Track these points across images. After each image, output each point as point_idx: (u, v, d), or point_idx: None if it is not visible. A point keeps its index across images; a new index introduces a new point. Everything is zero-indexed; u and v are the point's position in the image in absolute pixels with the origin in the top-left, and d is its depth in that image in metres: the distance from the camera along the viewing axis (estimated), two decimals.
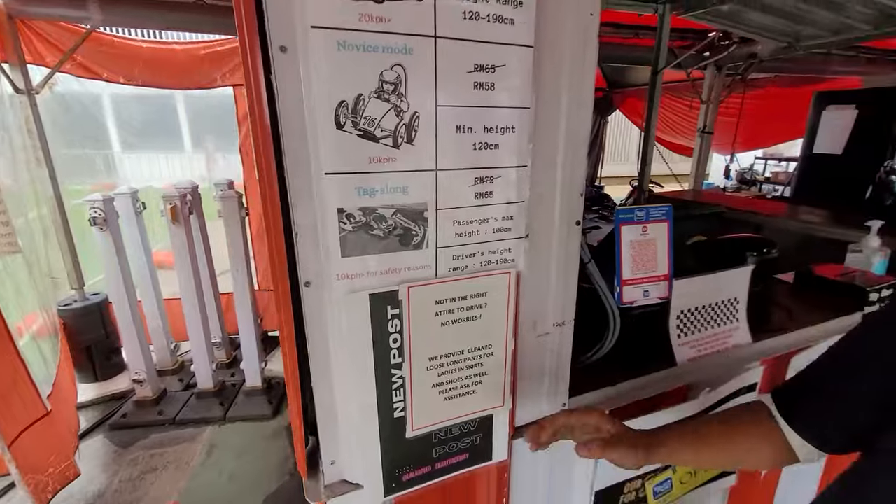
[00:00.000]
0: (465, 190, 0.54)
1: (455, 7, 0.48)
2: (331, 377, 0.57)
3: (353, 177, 0.48)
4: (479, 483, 0.71)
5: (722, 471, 0.97)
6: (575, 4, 0.56)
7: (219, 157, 9.92)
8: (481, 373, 0.63)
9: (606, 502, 0.84)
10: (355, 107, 0.46)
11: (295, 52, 0.44)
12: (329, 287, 0.52)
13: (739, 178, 8.63)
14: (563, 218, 0.63)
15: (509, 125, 0.54)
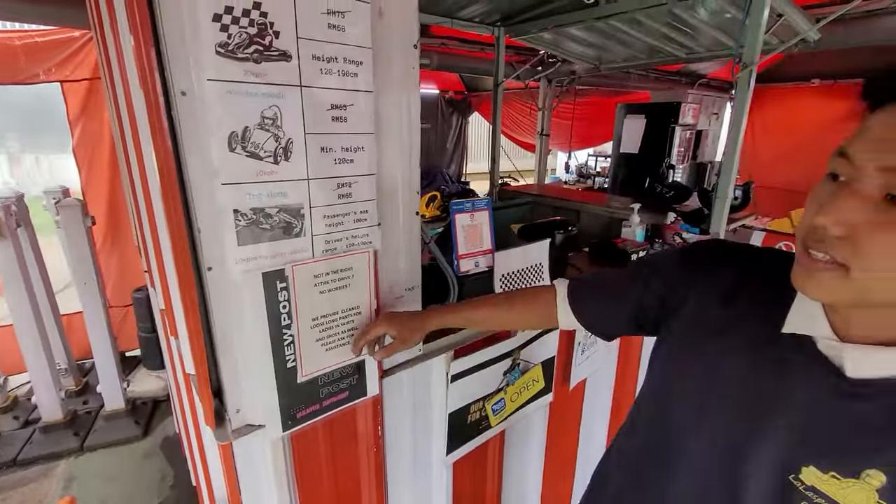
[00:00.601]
0: (331, 192, 0.75)
1: (314, 65, 0.68)
2: (232, 340, 0.73)
3: (244, 186, 0.66)
4: (358, 414, 0.92)
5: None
6: (400, 63, 0.80)
7: (25, 160, 8.38)
8: (353, 328, 0.85)
9: (458, 421, 1.13)
10: (243, 135, 0.64)
11: (193, 96, 0.60)
12: (229, 269, 0.68)
13: (578, 173, 10.09)
14: (405, 210, 0.88)
15: (360, 146, 0.77)
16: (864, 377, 0.47)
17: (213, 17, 0.58)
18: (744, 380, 0.55)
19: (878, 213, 0.41)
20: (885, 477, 0.44)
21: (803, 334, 0.51)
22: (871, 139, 0.42)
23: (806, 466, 0.49)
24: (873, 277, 0.42)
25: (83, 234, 2.18)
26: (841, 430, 0.48)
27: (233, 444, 0.77)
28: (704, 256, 0.65)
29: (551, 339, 1.31)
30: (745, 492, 0.53)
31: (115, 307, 2.95)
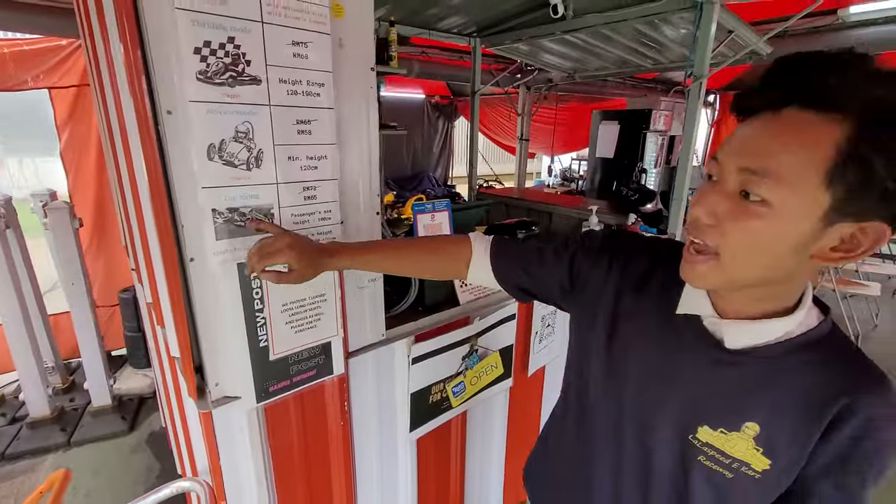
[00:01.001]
0: (297, 195, 0.88)
1: (282, 87, 0.81)
2: (212, 322, 0.85)
3: (221, 189, 0.78)
4: (326, 391, 1.04)
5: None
6: (359, 83, 0.93)
7: (9, 163, 8.36)
8: (320, 313, 0.97)
9: (420, 401, 1.25)
10: (220, 147, 0.76)
11: (177, 115, 0.72)
12: (208, 260, 0.80)
13: (562, 176, 10.30)
14: (366, 209, 1.01)
15: (323, 154, 0.89)
16: (739, 347, 0.57)
17: (194, 49, 0.70)
18: (647, 358, 0.65)
19: (737, 206, 0.50)
20: (758, 427, 0.56)
21: (693, 314, 0.61)
22: (732, 145, 0.51)
23: (700, 427, 0.59)
24: (737, 261, 0.51)
25: (71, 236, 2.27)
26: (724, 393, 0.58)
27: (212, 412, 0.88)
28: (622, 246, 0.72)
29: (508, 328, 1.45)
30: (654, 454, 0.64)
31: (102, 307, 3.01)
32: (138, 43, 0.70)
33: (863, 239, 0.48)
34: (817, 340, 0.55)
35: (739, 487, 0.58)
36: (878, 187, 0.44)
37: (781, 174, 0.46)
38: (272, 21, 0.77)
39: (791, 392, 0.55)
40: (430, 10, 2.78)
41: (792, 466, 0.55)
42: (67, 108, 2.69)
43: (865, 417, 0.51)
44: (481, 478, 1.59)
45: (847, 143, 0.44)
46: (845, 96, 0.44)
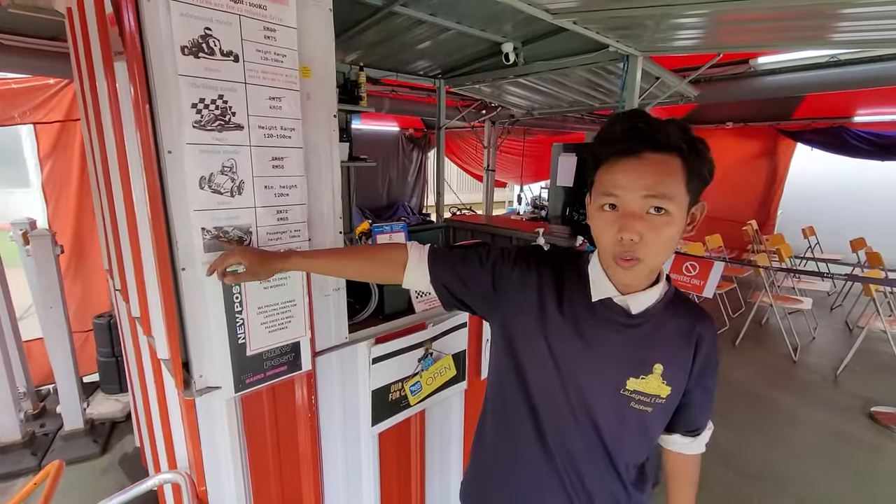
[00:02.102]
0: (272, 217, 1.07)
1: (260, 132, 1.02)
2: (199, 322, 1.02)
3: (209, 212, 0.97)
4: (295, 385, 1.21)
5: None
6: (324, 127, 1.15)
7: None
8: (290, 316, 1.15)
9: (381, 398, 1.42)
10: (209, 178, 0.96)
11: (176, 154, 0.92)
12: (197, 269, 0.98)
13: (533, 204, 10.72)
14: (331, 229, 1.21)
15: (293, 184, 1.10)
16: (639, 311, 0.79)
17: (191, 104, 0.91)
18: (577, 344, 0.80)
19: (650, 222, 0.70)
20: (662, 366, 0.79)
21: (605, 297, 0.79)
22: (625, 184, 0.69)
23: (627, 379, 0.78)
24: (656, 258, 0.73)
25: (52, 263, 2.37)
26: (637, 348, 0.79)
27: (196, 400, 1.04)
28: (535, 256, 0.87)
29: (461, 334, 1.64)
30: (597, 414, 0.80)
31: (76, 332, 3.06)
32: (147, 98, 0.90)
33: (696, 213, 0.76)
34: (673, 295, 0.83)
35: (654, 415, 0.81)
36: (703, 181, 0.74)
37: (671, 193, 0.70)
38: (253, 82, 0.98)
39: (672, 332, 0.81)
40: (399, 55, 3.08)
41: (681, 386, 0.81)
42: (51, 142, 2.84)
43: (708, 337, 0.82)
44: (441, 474, 1.74)
45: (684, 166, 0.71)
46: (674, 142, 0.70)
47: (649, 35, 2.21)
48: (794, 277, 4.69)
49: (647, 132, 0.70)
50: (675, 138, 0.70)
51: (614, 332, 0.80)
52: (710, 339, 0.83)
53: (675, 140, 0.70)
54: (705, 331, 0.82)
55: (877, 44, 2.27)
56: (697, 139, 0.72)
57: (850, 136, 5.52)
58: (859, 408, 3.13)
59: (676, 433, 0.92)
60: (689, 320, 0.82)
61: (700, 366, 0.82)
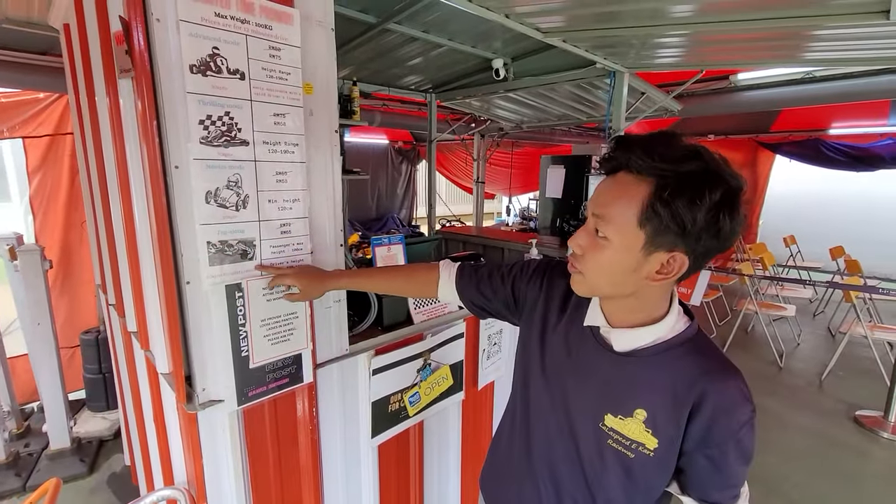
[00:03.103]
0: (275, 230, 1.09)
1: (265, 147, 1.04)
2: (203, 335, 1.02)
3: (214, 225, 0.98)
4: (297, 397, 1.21)
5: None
6: (325, 142, 1.18)
7: None
8: (292, 328, 1.16)
9: (380, 409, 1.43)
10: (215, 193, 0.97)
11: (183, 169, 0.94)
12: (202, 282, 0.99)
13: (521, 215, 10.82)
14: (332, 242, 1.23)
15: (296, 198, 1.12)
16: (624, 350, 0.74)
17: (199, 121, 0.93)
18: (566, 363, 0.81)
19: (593, 240, 0.70)
20: (645, 412, 0.71)
21: (594, 325, 0.78)
22: (592, 197, 0.72)
23: (606, 415, 0.74)
24: (593, 278, 0.72)
25: (41, 278, 2.34)
26: (619, 387, 0.74)
27: (198, 414, 1.04)
28: (549, 272, 0.90)
29: (458, 345, 1.66)
30: (580, 441, 0.78)
31: (62, 348, 3.00)
32: (155, 115, 0.92)
33: (673, 265, 0.66)
34: (684, 341, 0.72)
35: (639, 464, 0.72)
36: (671, 229, 0.63)
37: (613, 218, 0.66)
38: (259, 99, 1.01)
39: (664, 382, 0.70)
40: (391, 70, 3.14)
41: (673, 443, 0.70)
42: (40, 157, 2.81)
43: (716, 402, 0.66)
44: (439, 485, 1.74)
45: (647, 199, 0.63)
46: (644, 167, 0.64)
47: (635, 52, 2.29)
48: (778, 285, 4.81)
49: (624, 153, 0.66)
50: (650, 164, 0.63)
51: (598, 363, 0.77)
52: (721, 407, 0.67)
53: (650, 166, 0.63)
54: (712, 393, 0.67)
55: (847, 62, 2.39)
56: (696, 180, 0.61)
57: (826, 148, 5.73)
58: (844, 412, 3.21)
59: (688, 497, 0.75)
60: (693, 374, 0.69)
61: (700, 432, 0.68)
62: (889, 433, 2.91)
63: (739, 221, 0.64)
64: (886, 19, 1.33)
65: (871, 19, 1.39)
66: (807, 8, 1.56)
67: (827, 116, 5.24)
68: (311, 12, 1.10)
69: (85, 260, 3.00)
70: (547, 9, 1.82)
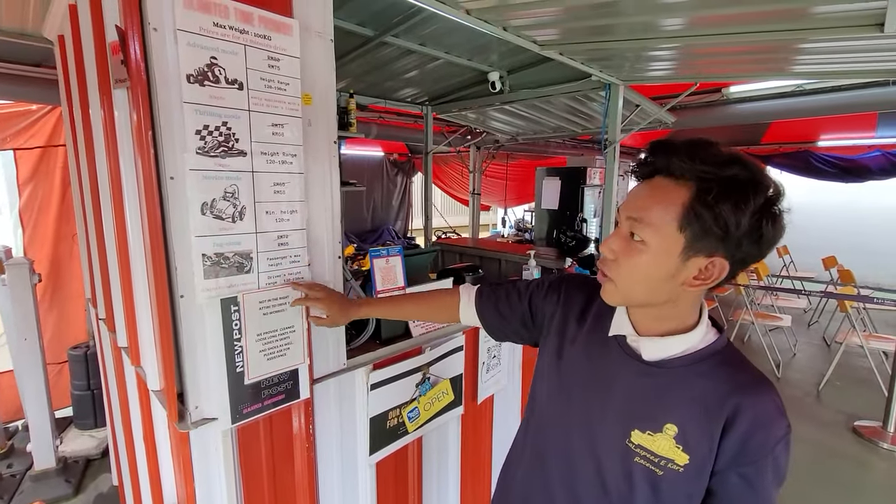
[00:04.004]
0: (273, 242, 1.07)
1: (263, 157, 1.02)
2: (196, 351, 0.99)
3: (210, 237, 0.96)
4: (293, 414, 1.18)
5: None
6: (324, 152, 1.16)
7: None
8: (289, 343, 1.13)
9: (379, 425, 1.39)
10: (211, 204, 0.95)
11: (178, 180, 0.92)
12: (196, 296, 0.97)
13: (517, 227, 10.85)
14: (329, 254, 1.21)
15: (294, 209, 1.10)
16: (653, 359, 0.71)
17: (195, 131, 0.91)
18: (588, 375, 0.77)
19: (627, 245, 0.68)
20: (676, 427, 0.67)
21: (620, 335, 0.75)
22: (626, 201, 0.70)
23: (633, 431, 0.70)
24: (627, 284, 0.69)
25: (29, 292, 2.28)
26: (647, 400, 0.70)
27: (190, 433, 1.00)
28: (566, 285, 0.89)
29: (457, 358, 1.63)
30: (602, 460, 0.74)
31: (49, 364, 2.92)
32: (150, 125, 0.90)
33: (713, 270, 0.64)
34: (714, 353, 0.69)
35: (668, 482, 0.68)
36: (713, 233, 0.61)
37: (652, 221, 0.64)
38: (257, 109, 1.00)
39: (696, 395, 0.67)
40: (387, 83, 3.15)
41: (705, 460, 0.66)
42: (31, 168, 2.77)
43: (751, 416, 0.64)
44: (439, 500, 1.69)
45: (689, 202, 0.62)
46: (686, 170, 0.62)
47: (629, 65, 2.32)
48: (773, 295, 4.83)
49: (663, 157, 0.65)
50: (691, 168, 0.62)
51: (623, 374, 0.73)
52: (756, 421, 0.64)
53: (690, 169, 0.62)
54: (747, 407, 0.64)
55: (835, 75, 2.43)
56: (738, 183, 0.60)
57: (816, 160, 5.82)
58: (843, 422, 3.19)
59: None
60: (726, 387, 0.66)
61: (734, 448, 0.64)
62: (888, 443, 2.89)
63: (781, 228, 0.63)
64: (881, 32, 1.35)
65: (865, 32, 1.42)
66: (799, 21, 1.59)
67: (816, 129, 5.33)
68: (310, 23, 1.09)
69: (75, 273, 2.95)
70: (543, 22, 1.84)
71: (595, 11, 1.70)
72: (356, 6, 2.02)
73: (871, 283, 4.50)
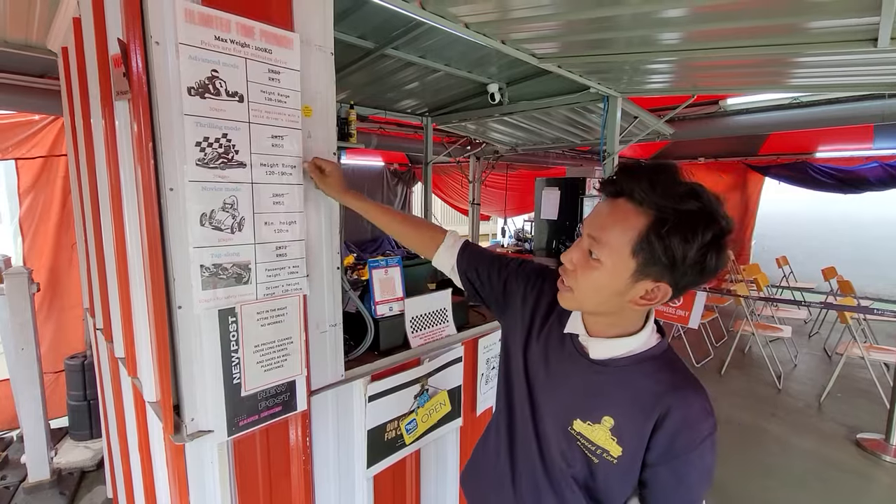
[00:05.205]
0: (271, 252, 1.07)
1: (262, 169, 1.03)
2: (192, 362, 0.99)
3: (209, 248, 0.96)
4: (290, 426, 1.17)
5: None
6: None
7: None
8: (286, 354, 1.13)
9: (376, 437, 1.38)
10: (210, 215, 0.96)
11: (178, 191, 0.92)
12: (194, 307, 0.96)
13: (517, 237, 10.86)
14: (328, 265, 1.21)
15: (293, 220, 1.10)
16: (599, 359, 0.78)
17: (195, 143, 0.92)
18: (544, 363, 0.86)
19: (586, 260, 0.73)
20: (613, 420, 0.75)
21: (574, 333, 0.83)
22: (589, 218, 0.75)
23: (574, 420, 0.79)
24: (582, 295, 0.75)
25: (27, 301, 2.28)
26: (589, 394, 0.78)
27: (186, 445, 0.99)
28: (539, 277, 0.94)
29: (456, 369, 1.62)
30: (547, 439, 0.84)
31: (45, 373, 2.91)
32: (151, 137, 0.91)
33: (657, 293, 0.70)
34: (654, 356, 0.76)
35: (602, 470, 0.77)
36: (661, 262, 0.66)
37: (609, 242, 0.69)
38: (257, 121, 1.00)
39: (633, 393, 0.74)
40: (387, 94, 3.18)
41: (637, 453, 0.73)
42: (32, 178, 2.79)
43: (680, 417, 0.70)
44: None
45: (644, 231, 0.66)
46: (645, 199, 0.66)
47: (627, 78, 2.34)
48: (773, 306, 4.81)
49: (628, 182, 0.68)
50: (652, 198, 0.65)
51: (573, 369, 0.81)
52: (685, 421, 0.70)
53: (651, 199, 0.65)
54: (677, 408, 0.70)
55: (830, 88, 2.45)
56: (693, 219, 0.64)
57: (814, 171, 5.84)
58: (844, 435, 3.17)
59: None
60: (660, 388, 0.72)
61: (664, 444, 0.71)
62: (891, 457, 2.87)
63: (724, 260, 0.67)
64: (874, 47, 1.37)
65: (858, 47, 1.43)
66: (793, 36, 1.61)
67: (813, 140, 5.37)
68: (311, 37, 1.10)
69: (73, 283, 2.94)
70: (541, 35, 1.86)
71: (593, 26, 1.72)
72: (357, 19, 2.05)
73: (870, 293, 4.50)
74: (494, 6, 1.58)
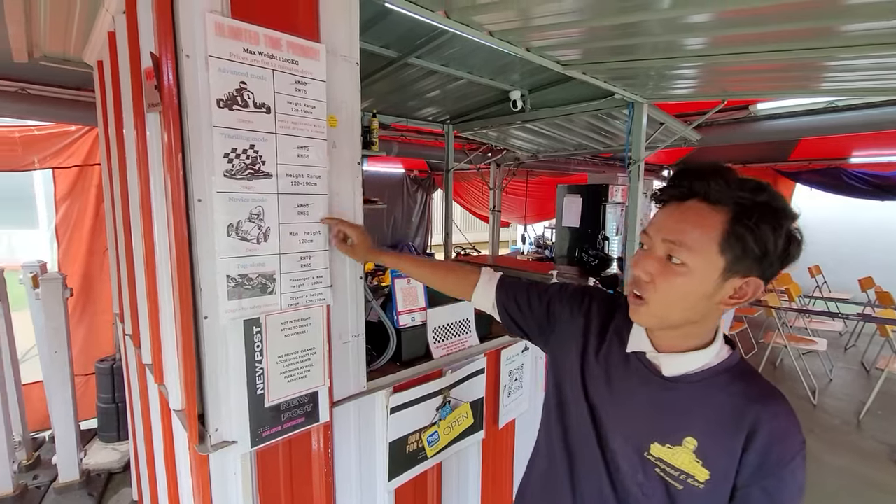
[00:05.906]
0: (296, 263, 1.07)
1: (288, 179, 1.03)
2: (217, 372, 0.99)
3: (235, 259, 0.96)
4: (312, 437, 1.16)
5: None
6: (348, 174, 1.17)
7: None
8: (310, 364, 1.12)
9: (398, 450, 1.36)
10: (237, 226, 0.96)
11: (206, 202, 0.93)
12: (220, 317, 0.97)
13: (537, 244, 10.78)
14: (351, 275, 1.20)
15: (317, 230, 1.10)
16: (673, 375, 0.73)
17: (223, 154, 0.93)
18: (608, 388, 0.79)
19: (665, 267, 0.68)
20: (696, 441, 0.69)
21: (639, 351, 0.77)
22: (658, 224, 0.70)
23: (651, 444, 0.72)
24: (665, 306, 0.69)
25: (61, 306, 2.35)
26: (667, 414, 0.72)
27: (210, 456, 0.99)
28: (588, 298, 0.89)
29: (479, 381, 1.59)
30: (622, 467, 0.76)
31: (76, 376, 2.99)
32: (181, 148, 0.92)
33: (747, 289, 0.67)
34: (728, 368, 0.72)
35: (686, 498, 0.69)
36: (752, 254, 0.64)
37: (692, 245, 0.66)
38: (283, 132, 1.01)
39: (714, 409, 0.70)
40: (409, 102, 3.19)
41: (727, 475, 0.67)
42: (68, 186, 2.89)
43: (769, 430, 0.66)
44: None
45: (728, 226, 0.64)
46: (724, 195, 0.65)
47: (653, 83, 2.29)
48: (806, 317, 4.62)
49: (699, 182, 0.67)
50: (729, 193, 0.65)
51: (643, 389, 0.75)
52: (774, 434, 0.66)
53: (728, 195, 0.65)
54: (766, 420, 0.66)
55: (864, 92, 2.35)
56: (771, 208, 0.64)
57: (848, 177, 5.61)
58: (885, 454, 3.00)
59: None
60: (744, 400, 0.68)
61: (755, 461, 0.66)
62: None
63: (801, 249, 0.66)
64: None
65: (890, 49, 1.36)
66: (826, 39, 1.54)
67: (847, 145, 5.16)
68: (336, 47, 1.11)
69: (105, 288, 3.03)
70: (565, 42, 1.83)
71: (617, 32, 1.69)
72: (381, 29, 2.06)
73: None
74: (518, 14, 1.56)
